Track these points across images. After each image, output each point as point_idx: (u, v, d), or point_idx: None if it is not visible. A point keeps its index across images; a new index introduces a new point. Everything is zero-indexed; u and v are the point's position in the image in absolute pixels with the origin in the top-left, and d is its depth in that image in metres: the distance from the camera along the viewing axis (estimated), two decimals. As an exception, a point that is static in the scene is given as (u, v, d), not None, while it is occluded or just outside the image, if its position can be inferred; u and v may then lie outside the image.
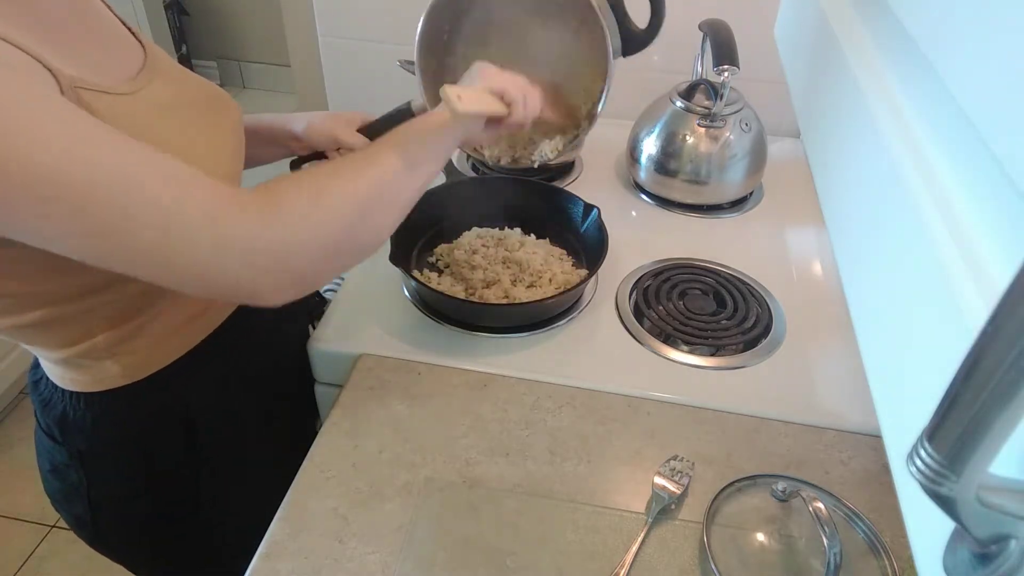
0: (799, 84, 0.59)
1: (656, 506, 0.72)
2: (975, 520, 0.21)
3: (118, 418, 0.71)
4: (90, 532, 0.79)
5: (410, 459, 0.77)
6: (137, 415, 0.72)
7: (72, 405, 0.70)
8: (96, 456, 0.73)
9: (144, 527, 0.80)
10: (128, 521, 0.79)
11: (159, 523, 0.80)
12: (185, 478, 0.79)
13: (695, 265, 1.05)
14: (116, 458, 0.74)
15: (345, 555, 0.68)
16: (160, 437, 0.75)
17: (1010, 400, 0.19)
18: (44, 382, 0.72)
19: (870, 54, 0.43)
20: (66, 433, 0.72)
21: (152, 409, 0.73)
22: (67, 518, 0.79)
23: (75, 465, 0.73)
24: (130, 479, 0.76)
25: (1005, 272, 0.24)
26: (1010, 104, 0.25)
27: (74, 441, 0.72)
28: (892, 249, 0.33)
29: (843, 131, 0.44)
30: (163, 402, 0.73)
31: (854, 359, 0.89)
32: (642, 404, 0.83)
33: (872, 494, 0.74)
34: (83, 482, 0.74)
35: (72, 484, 0.75)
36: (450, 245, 1.02)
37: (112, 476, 0.75)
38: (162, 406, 0.73)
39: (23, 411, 2.01)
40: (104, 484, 0.75)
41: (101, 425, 0.71)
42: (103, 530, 0.79)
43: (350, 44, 1.50)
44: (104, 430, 0.72)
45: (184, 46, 3.17)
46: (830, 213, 0.45)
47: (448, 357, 0.88)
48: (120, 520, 0.79)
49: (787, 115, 1.36)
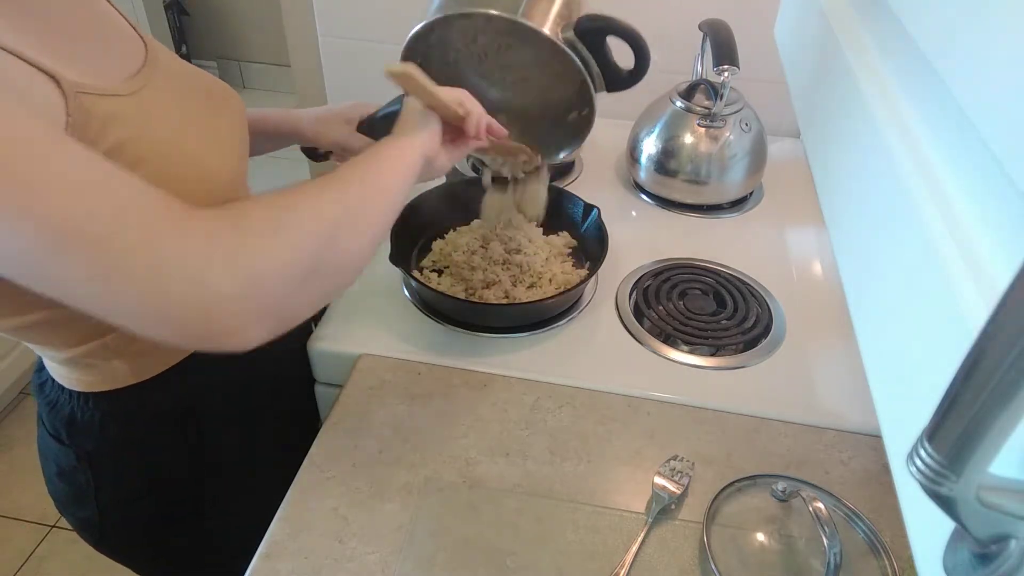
0: (799, 84, 0.59)
1: (656, 506, 0.72)
2: (975, 520, 0.21)
3: (126, 418, 0.71)
4: (96, 534, 0.79)
5: (410, 459, 0.77)
6: (144, 414, 0.72)
7: (80, 406, 0.70)
8: (103, 456, 0.73)
9: (147, 528, 0.80)
10: (133, 522, 0.79)
11: (162, 524, 0.80)
12: (189, 479, 0.79)
13: (695, 265, 1.05)
14: (122, 459, 0.74)
15: (345, 555, 0.68)
16: (166, 437, 0.75)
17: (1010, 400, 0.19)
18: (50, 384, 0.72)
19: (870, 54, 0.43)
20: (74, 435, 0.71)
21: (159, 408, 0.73)
22: (73, 521, 0.79)
23: (83, 467, 0.73)
24: (135, 480, 0.76)
25: (1005, 272, 0.24)
26: (1010, 104, 0.25)
27: (82, 442, 0.72)
28: (892, 249, 0.33)
29: (843, 131, 0.44)
30: (171, 401, 0.73)
31: (854, 359, 0.89)
32: (642, 404, 0.83)
33: (872, 494, 0.74)
34: (91, 484, 0.74)
35: (80, 487, 0.75)
36: (445, 241, 1.02)
37: (117, 477, 0.75)
38: (170, 405, 0.73)
39: (23, 411, 2.01)
40: (111, 485, 0.75)
41: (109, 425, 0.71)
42: (108, 532, 0.78)
43: (350, 44, 1.50)
44: (112, 430, 0.71)
45: (184, 46, 3.17)
46: (830, 213, 0.45)
47: (448, 357, 0.88)
48: (125, 521, 0.79)
49: (787, 115, 1.36)
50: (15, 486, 1.80)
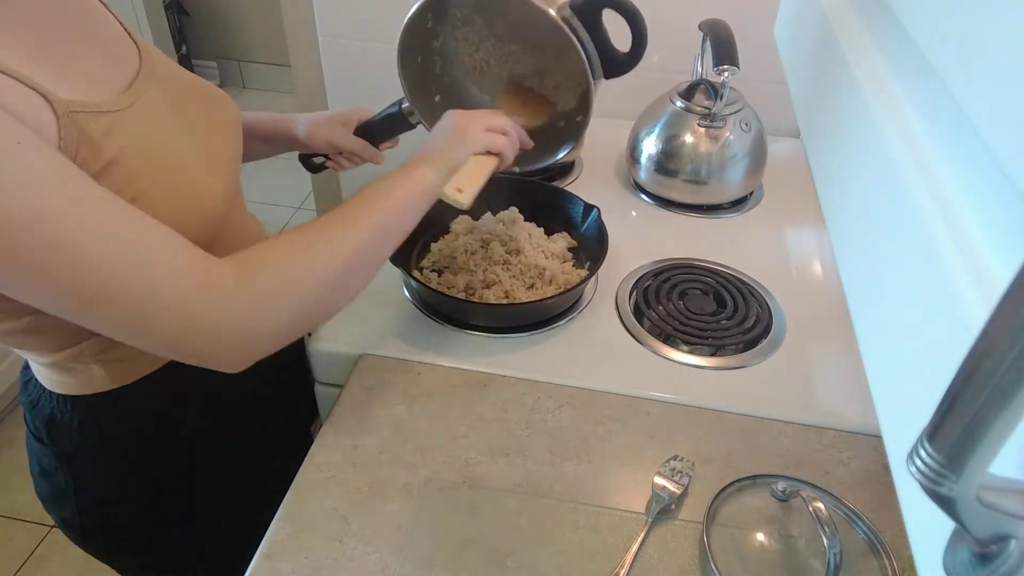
0: (799, 84, 0.59)
1: (656, 506, 0.72)
2: (975, 520, 0.21)
3: (104, 422, 0.71)
4: (78, 534, 0.79)
5: (410, 459, 0.77)
6: (122, 420, 0.72)
7: (59, 408, 0.70)
8: (82, 459, 0.73)
9: (133, 531, 0.80)
10: (115, 525, 0.79)
11: (148, 527, 0.80)
12: (175, 484, 0.78)
13: (695, 265, 1.05)
14: (102, 462, 0.74)
15: (345, 555, 0.68)
16: (147, 442, 0.75)
17: (1010, 400, 0.19)
18: (33, 383, 0.72)
19: (870, 54, 0.43)
20: (53, 435, 0.72)
21: (138, 414, 0.72)
22: (56, 519, 0.79)
23: (62, 468, 0.73)
24: (117, 483, 0.76)
25: (1005, 272, 0.24)
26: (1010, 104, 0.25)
27: (61, 443, 0.72)
28: (892, 249, 0.33)
29: (843, 131, 0.44)
30: (150, 408, 0.73)
31: (854, 359, 0.89)
32: (642, 404, 0.83)
33: (872, 494, 0.74)
34: (70, 484, 0.74)
35: (59, 487, 0.75)
36: (444, 243, 1.02)
37: (98, 480, 0.75)
38: (150, 412, 0.73)
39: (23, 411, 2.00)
40: (91, 487, 0.75)
41: (87, 428, 0.71)
42: (91, 532, 0.79)
43: (350, 44, 1.50)
44: (90, 433, 0.71)
45: (184, 46, 3.17)
46: (830, 213, 0.45)
47: (448, 357, 0.88)
48: (107, 523, 0.78)
49: (787, 115, 1.36)
50: (15, 486, 1.80)
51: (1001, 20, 0.27)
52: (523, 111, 0.88)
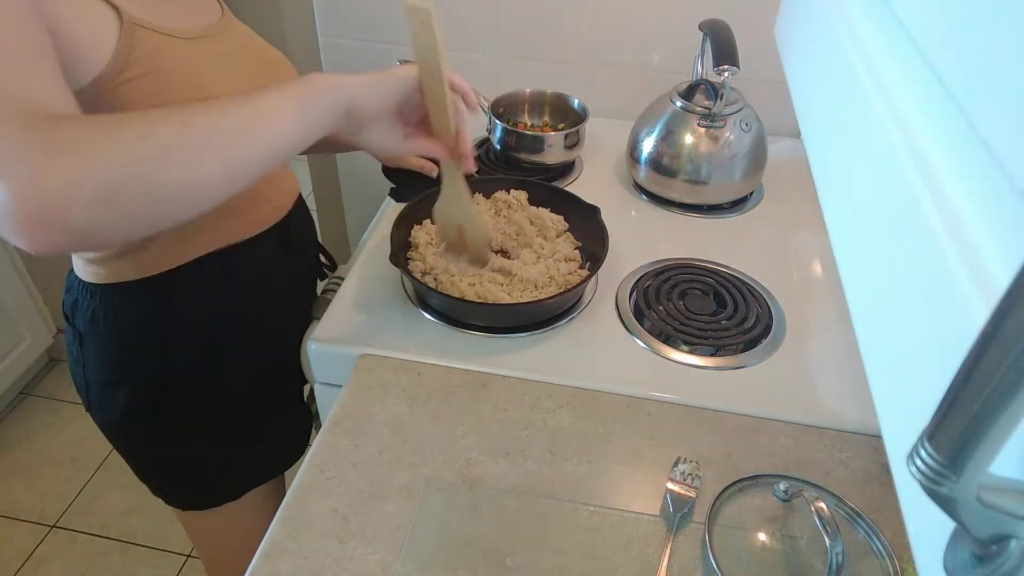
0: (799, 84, 0.59)
1: (675, 513, 0.72)
2: (975, 520, 0.21)
3: (108, 312, 0.81)
4: (86, 401, 0.90)
5: (410, 459, 0.77)
6: (122, 313, 0.81)
7: (81, 293, 0.82)
8: (89, 340, 0.84)
9: (123, 415, 0.88)
10: (108, 404, 0.88)
11: (132, 417, 0.88)
12: (153, 384, 0.86)
13: (695, 265, 1.05)
14: (102, 346, 0.84)
15: (345, 555, 0.68)
16: (138, 338, 0.83)
17: (1010, 400, 0.19)
18: (71, 272, 0.84)
19: (870, 54, 0.43)
20: (74, 315, 0.84)
21: (136, 310, 0.81)
22: (74, 379, 0.90)
23: (76, 343, 0.86)
24: (110, 368, 0.85)
25: (1005, 272, 0.24)
26: (1010, 104, 0.25)
27: (78, 323, 0.84)
28: (892, 249, 0.33)
29: (843, 131, 0.44)
30: (146, 305, 0.81)
31: (854, 359, 0.89)
32: (642, 404, 0.83)
33: (872, 494, 0.74)
34: (80, 358, 0.86)
35: (75, 358, 0.87)
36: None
37: (97, 361, 0.85)
38: (146, 309, 0.82)
39: (23, 411, 2.01)
40: (92, 366, 0.86)
41: (96, 315, 0.82)
42: (94, 404, 0.89)
43: (350, 44, 1.50)
44: (98, 320, 0.82)
45: (184, 46, 3.17)
46: (830, 213, 0.45)
47: (448, 357, 0.88)
48: (104, 401, 0.88)
49: (787, 115, 1.36)
50: (15, 486, 1.81)
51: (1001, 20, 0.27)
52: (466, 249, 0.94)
